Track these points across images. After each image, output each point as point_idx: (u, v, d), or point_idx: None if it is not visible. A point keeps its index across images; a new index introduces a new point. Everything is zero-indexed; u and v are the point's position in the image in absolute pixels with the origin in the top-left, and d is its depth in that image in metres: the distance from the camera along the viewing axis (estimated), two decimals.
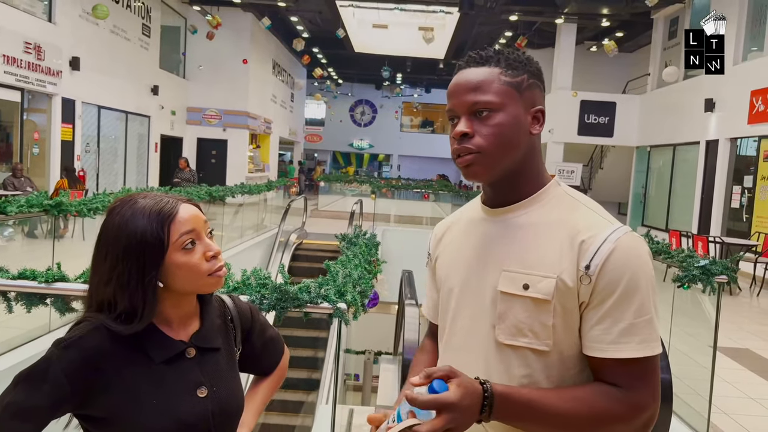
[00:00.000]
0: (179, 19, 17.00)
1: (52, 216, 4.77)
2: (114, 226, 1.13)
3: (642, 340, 1.01)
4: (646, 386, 1.02)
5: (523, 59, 1.12)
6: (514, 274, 1.07)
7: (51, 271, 2.62)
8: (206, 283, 1.17)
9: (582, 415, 0.99)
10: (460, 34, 18.89)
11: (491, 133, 1.07)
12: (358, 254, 3.67)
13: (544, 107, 1.13)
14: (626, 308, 1.01)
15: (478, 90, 1.08)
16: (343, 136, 32.40)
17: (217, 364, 1.21)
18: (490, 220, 1.15)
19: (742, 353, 5.72)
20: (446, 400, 0.91)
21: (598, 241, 1.03)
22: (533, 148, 1.12)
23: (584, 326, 1.05)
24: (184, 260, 1.13)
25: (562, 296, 1.04)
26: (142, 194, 1.18)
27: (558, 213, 1.09)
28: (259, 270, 2.66)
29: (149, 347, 1.14)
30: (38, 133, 11.02)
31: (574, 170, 15.20)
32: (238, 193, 10.03)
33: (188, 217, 1.15)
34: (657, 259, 4.71)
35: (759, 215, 10.10)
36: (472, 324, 1.12)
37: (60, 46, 11.06)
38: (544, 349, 1.05)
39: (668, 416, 2.88)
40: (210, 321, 1.24)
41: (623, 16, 14.79)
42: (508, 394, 0.98)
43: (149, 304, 1.11)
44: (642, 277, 1.03)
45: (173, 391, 1.13)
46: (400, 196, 17.51)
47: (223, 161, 17.85)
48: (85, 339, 1.10)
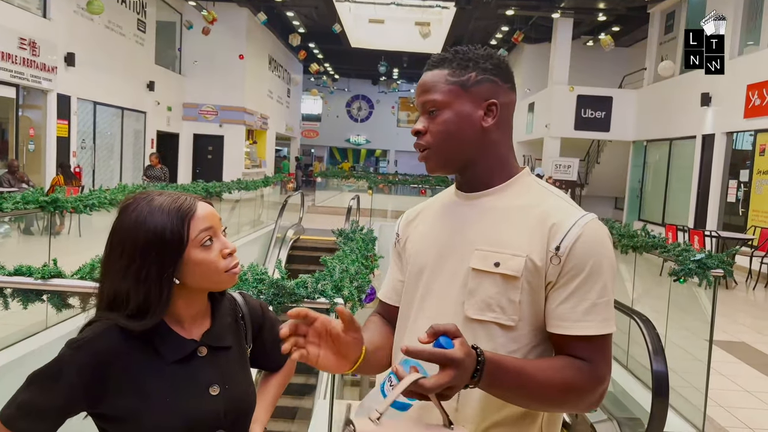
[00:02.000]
0: (175, 14, 16.94)
1: (48, 212, 4.75)
2: (131, 222, 1.13)
3: (603, 319, 1.09)
4: (604, 360, 1.10)
5: (476, 57, 1.19)
6: (486, 253, 1.14)
7: (47, 267, 2.62)
8: (221, 280, 1.18)
9: (556, 384, 1.06)
10: (456, 29, 18.86)
11: (437, 130, 1.17)
12: (355, 249, 3.68)
13: (505, 100, 1.19)
14: (590, 289, 1.09)
15: (427, 91, 1.18)
16: (339, 131, 32.36)
17: (229, 363, 1.22)
18: (464, 203, 1.22)
19: (737, 347, 5.74)
20: (453, 356, 0.95)
21: (567, 224, 1.10)
22: (489, 140, 1.18)
23: (550, 305, 1.11)
24: (202, 257, 1.14)
25: (530, 274, 1.11)
26: (156, 192, 1.19)
27: (529, 199, 1.17)
28: (256, 265, 2.66)
29: (161, 347, 1.14)
30: (33, 130, 10.97)
31: (571, 165, 15.22)
32: (235, 189, 10.02)
33: (206, 214, 1.18)
34: (654, 253, 4.73)
35: (755, 209, 10.13)
36: (442, 300, 1.18)
37: (55, 42, 11.01)
38: (509, 324, 1.12)
39: (665, 410, 2.89)
40: (221, 319, 1.25)
41: (619, 10, 14.79)
42: (498, 360, 1.02)
43: (164, 300, 1.12)
44: (605, 261, 1.10)
45: (185, 389, 1.14)
46: (396, 192, 17.50)
47: (219, 157, 17.82)
48: (98, 339, 1.11)
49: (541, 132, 16.46)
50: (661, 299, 4.74)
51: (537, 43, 18.44)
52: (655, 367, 2.88)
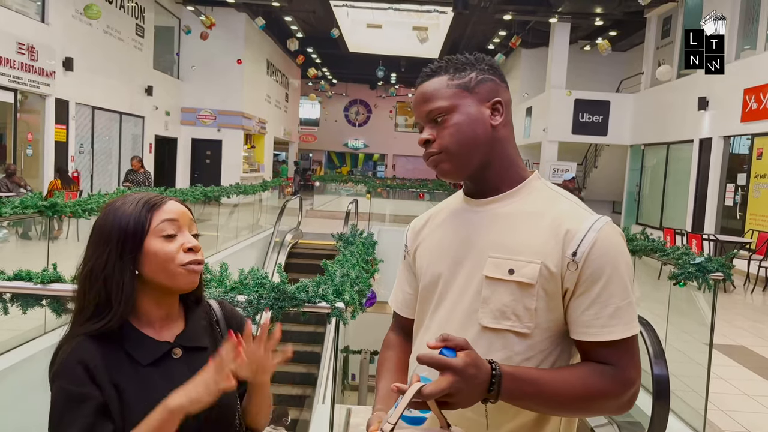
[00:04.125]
0: (173, 19, 16.95)
1: (46, 217, 4.75)
2: (102, 218, 1.17)
3: (627, 321, 1.09)
4: (632, 363, 1.10)
5: (471, 60, 1.20)
6: (499, 260, 1.12)
7: (47, 271, 2.61)
8: (178, 274, 1.15)
9: (578, 393, 1.05)
10: (454, 34, 18.92)
11: (450, 133, 1.15)
12: (356, 253, 3.67)
13: (505, 98, 1.20)
14: (612, 293, 1.08)
15: (430, 99, 1.17)
16: (337, 135, 32.37)
17: (206, 363, 1.19)
18: (474, 210, 1.21)
19: (737, 350, 5.74)
20: (449, 362, 0.96)
21: (582, 230, 1.09)
22: (499, 139, 1.18)
23: (573, 313, 1.10)
24: (160, 246, 1.14)
25: (545, 281, 1.09)
26: (138, 194, 1.20)
27: (541, 203, 1.16)
28: (256, 270, 2.65)
29: (134, 350, 1.14)
30: (32, 134, 10.96)
31: (569, 169, 15.22)
32: (233, 193, 10.02)
33: (174, 209, 1.17)
34: (653, 256, 4.73)
35: (752, 213, 10.14)
36: (456, 309, 1.17)
37: (53, 47, 11.00)
38: (525, 332, 1.10)
39: (665, 414, 2.88)
40: (194, 322, 1.24)
41: (616, 15, 14.83)
42: (515, 373, 1.02)
43: (125, 291, 1.12)
44: (623, 263, 1.10)
45: (162, 392, 1.11)
46: (395, 196, 17.50)
47: (217, 161, 17.81)
48: (72, 357, 1.10)
49: (538, 136, 16.47)
50: (660, 303, 4.74)
51: (534, 47, 18.48)
52: (656, 371, 2.88)
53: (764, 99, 9.82)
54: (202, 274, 1.22)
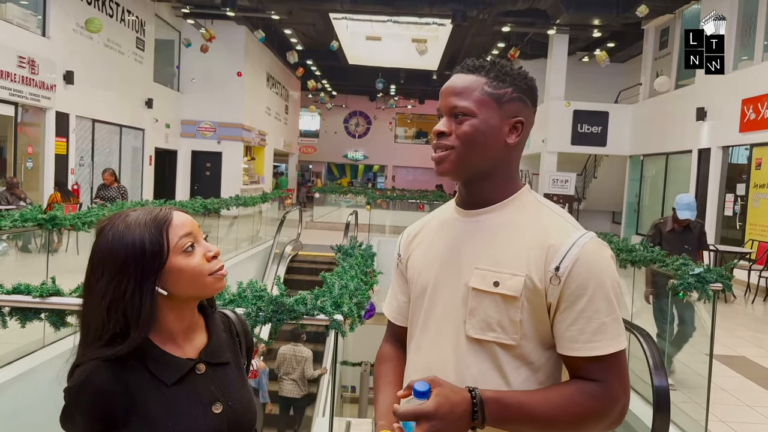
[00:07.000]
0: (173, 32, 17.04)
1: (46, 230, 4.75)
2: (109, 241, 1.11)
3: (612, 337, 1.08)
4: (618, 378, 1.09)
5: (513, 74, 1.20)
6: (485, 272, 1.13)
7: (46, 285, 2.61)
8: (208, 284, 1.15)
9: (567, 413, 1.06)
10: (452, 46, 19.01)
11: (463, 133, 1.16)
12: (354, 265, 3.67)
13: (529, 121, 1.20)
14: (597, 308, 1.08)
15: (460, 95, 1.17)
16: (337, 147, 32.43)
17: (229, 378, 1.20)
18: (464, 220, 1.21)
19: (737, 361, 5.72)
20: (423, 411, 0.98)
21: (566, 245, 1.10)
22: (508, 156, 1.20)
23: (558, 328, 1.11)
24: (186, 263, 1.12)
25: (530, 293, 1.10)
26: (130, 209, 1.17)
27: (528, 217, 1.17)
28: (255, 282, 2.65)
29: (157, 370, 1.11)
30: (32, 147, 10.99)
31: (568, 179, 15.25)
32: (233, 205, 10.03)
33: (184, 221, 1.16)
34: (652, 267, 4.73)
35: (752, 223, 10.14)
36: (444, 319, 1.18)
37: (54, 60, 11.06)
38: (511, 343, 1.11)
39: (666, 425, 2.87)
40: (217, 335, 1.23)
41: (614, 26, 14.90)
42: (499, 398, 1.03)
43: (146, 312, 1.09)
44: (607, 278, 1.09)
45: (187, 410, 1.11)
46: (395, 207, 17.50)
47: (218, 173, 17.83)
48: (89, 383, 1.07)
49: (538, 147, 16.51)
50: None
51: (533, 59, 18.54)
52: (656, 382, 2.87)
53: (762, 109, 9.86)
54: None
